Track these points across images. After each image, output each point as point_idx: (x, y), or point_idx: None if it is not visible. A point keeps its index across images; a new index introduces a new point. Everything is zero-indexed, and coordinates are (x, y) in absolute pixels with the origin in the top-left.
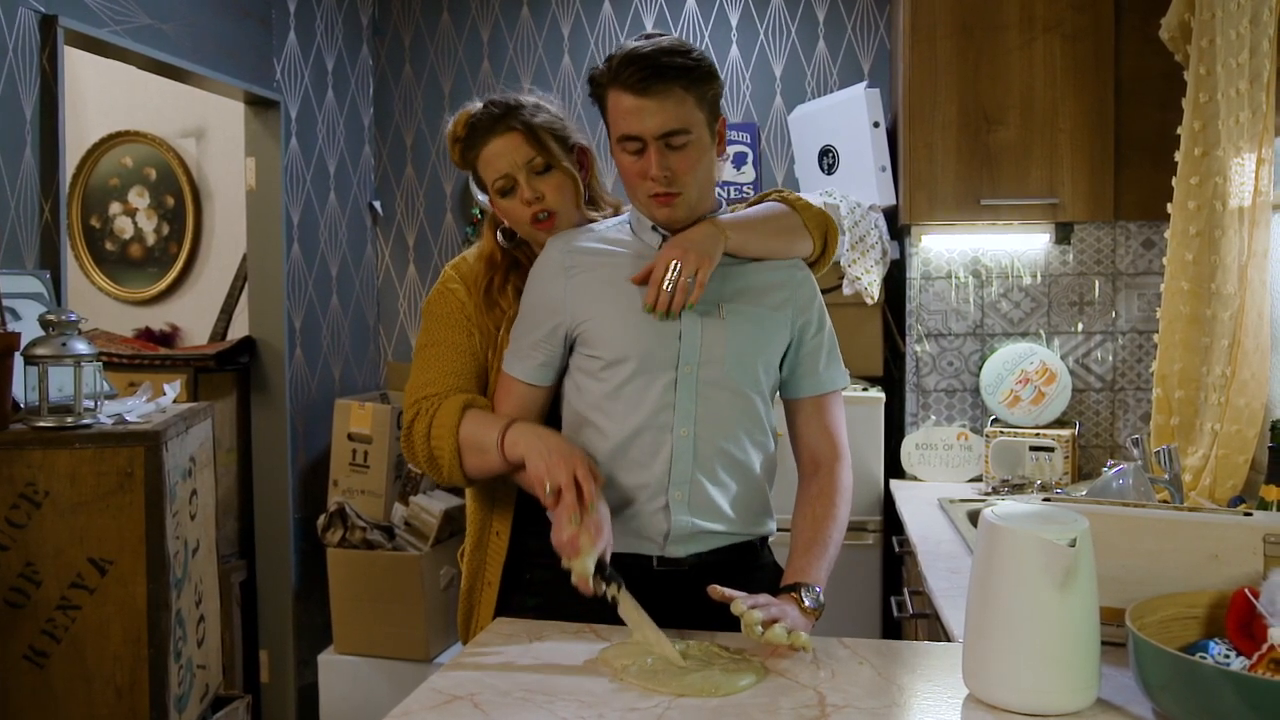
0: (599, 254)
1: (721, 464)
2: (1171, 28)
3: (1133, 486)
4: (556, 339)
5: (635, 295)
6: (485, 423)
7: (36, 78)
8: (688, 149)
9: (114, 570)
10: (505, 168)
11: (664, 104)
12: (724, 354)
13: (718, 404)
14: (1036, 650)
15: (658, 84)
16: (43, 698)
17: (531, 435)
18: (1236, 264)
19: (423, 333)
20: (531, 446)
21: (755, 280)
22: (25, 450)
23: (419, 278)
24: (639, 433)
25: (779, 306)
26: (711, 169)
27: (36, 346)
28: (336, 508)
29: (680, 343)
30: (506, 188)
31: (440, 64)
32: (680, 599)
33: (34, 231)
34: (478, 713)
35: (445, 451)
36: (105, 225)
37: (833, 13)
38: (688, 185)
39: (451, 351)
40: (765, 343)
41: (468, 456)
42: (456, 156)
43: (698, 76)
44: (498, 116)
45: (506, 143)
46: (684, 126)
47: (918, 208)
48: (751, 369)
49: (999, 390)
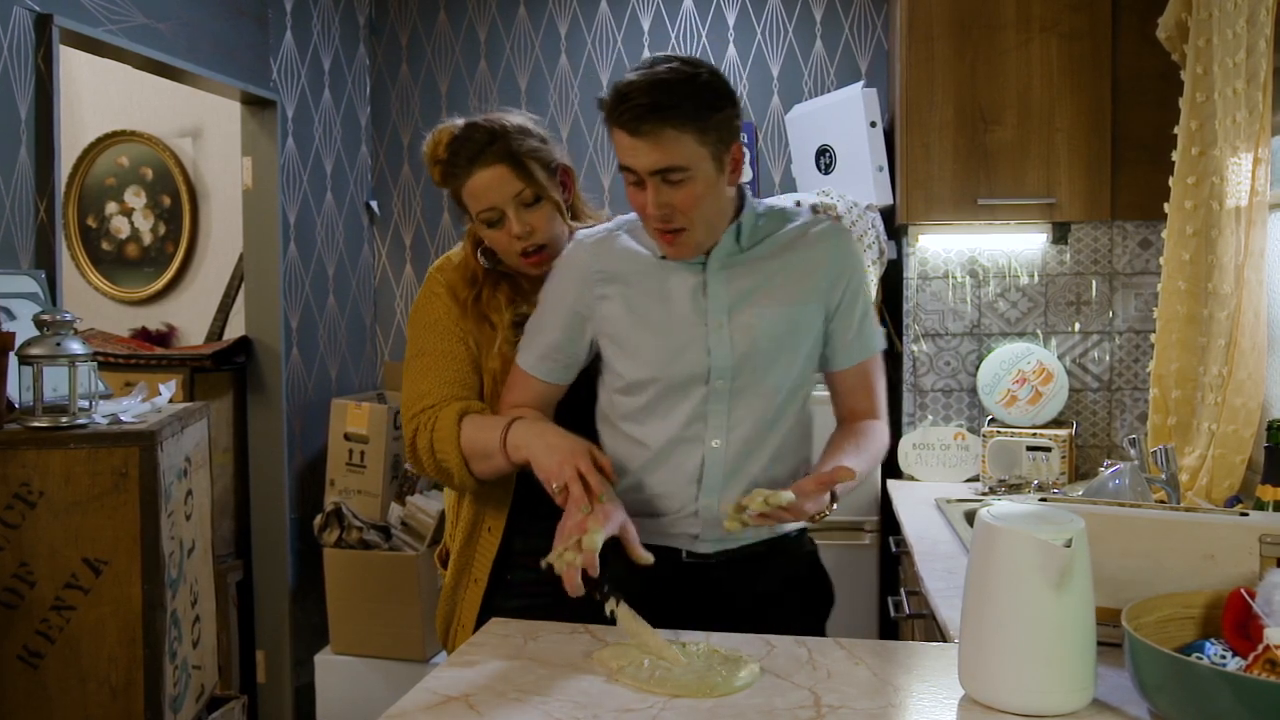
0: (624, 269)
1: (754, 470)
2: (1169, 27)
3: (1129, 486)
4: (579, 344)
5: (660, 316)
6: (485, 427)
7: (32, 77)
8: (685, 185)
9: (109, 570)
10: (493, 200)
11: (657, 143)
12: (756, 363)
13: (751, 410)
14: (1032, 650)
15: (648, 124)
16: (37, 698)
17: (533, 435)
18: (1233, 264)
19: (411, 342)
20: (534, 447)
21: (772, 270)
22: (19, 450)
23: (416, 278)
24: (672, 444)
25: (806, 298)
26: (720, 200)
27: (31, 346)
28: (333, 508)
29: (710, 359)
30: (494, 220)
31: (437, 64)
32: (705, 590)
33: (29, 231)
34: (472, 713)
35: (452, 463)
36: (101, 225)
37: (830, 12)
38: (692, 221)
39: (443, 360)
40: (799, 340)
41: (475, 463)
42: (437, 177)
43: (693, 113)
44: (483, 144)
45: (494, 175)
46: (679, 164)
47: (915, 207)
48: (785, 367)
49: (996, 390)
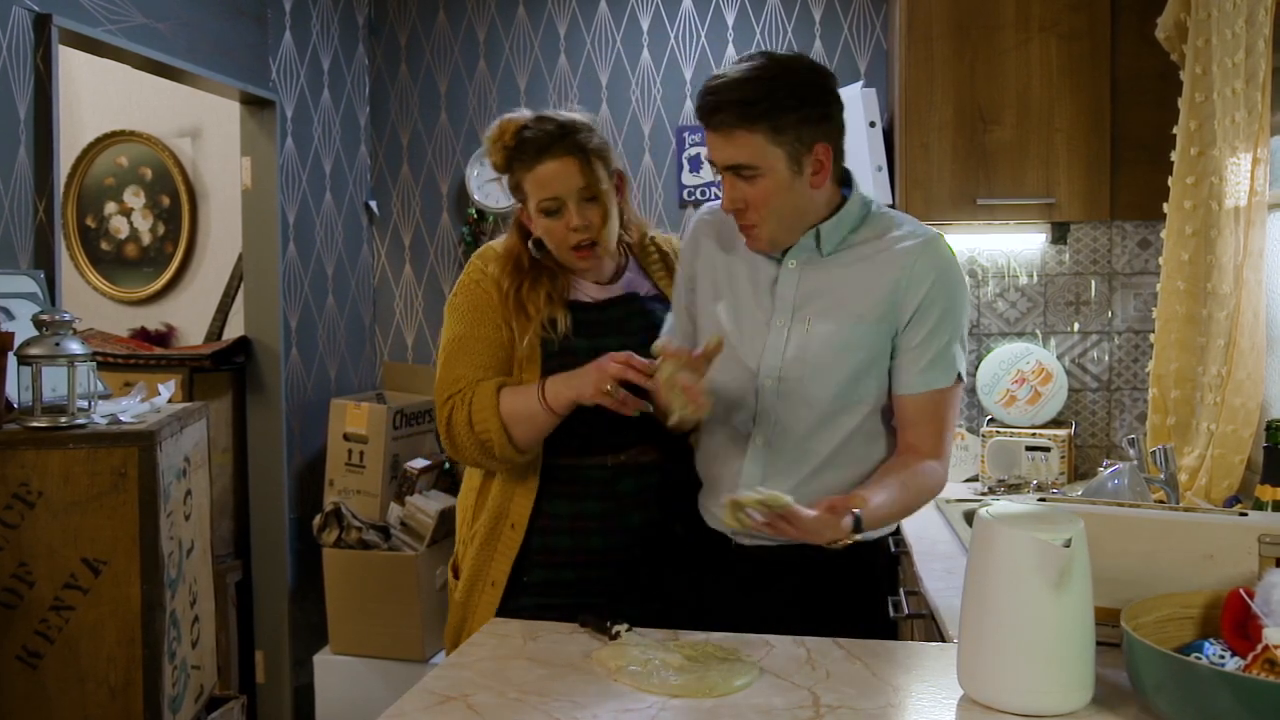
0: (736, 243)
1: (800, 476)
2: (1168, 27)
3: (1128, 486)
4: (685, 313)
5: (733, 299)
6: (521, 391)
7: (31, 77)
8: (757, 181)
9: (108, 571)
10: (557, 191)
11: (730, 140)
12: (804, 371)
13: (798, 415)
14: (1031, 650)
15: (722, 121)
16: (36, 699)
17: (564, 377)
18: (1232, 264)
19: (449, 326)
20: (570, 384)
21: (843, 279)
22: (18, 450)
23: (415, 277)
24: (724, 433)
25: (867, 315)
26: (798, 200)
27: (30, 346)
28: (332, 508)
29: (762, 356)
30: (553, 209)
31: (436, 64)
32: (749, 580)
33: (28, 231)
34: (471, 713)
35: (493, 431)
36: (101, 225)
37: (829, 12)
38: (763, 218)
39: (482, 345)
40: (851, 356)
41: (515, 428)
42: (499, 160)
43: (766, 112)
44: (555, 136)
45: (563, 167)
46: (749, 162)
47: (914, 207)
48: (835, 380)
49: (995, 390)
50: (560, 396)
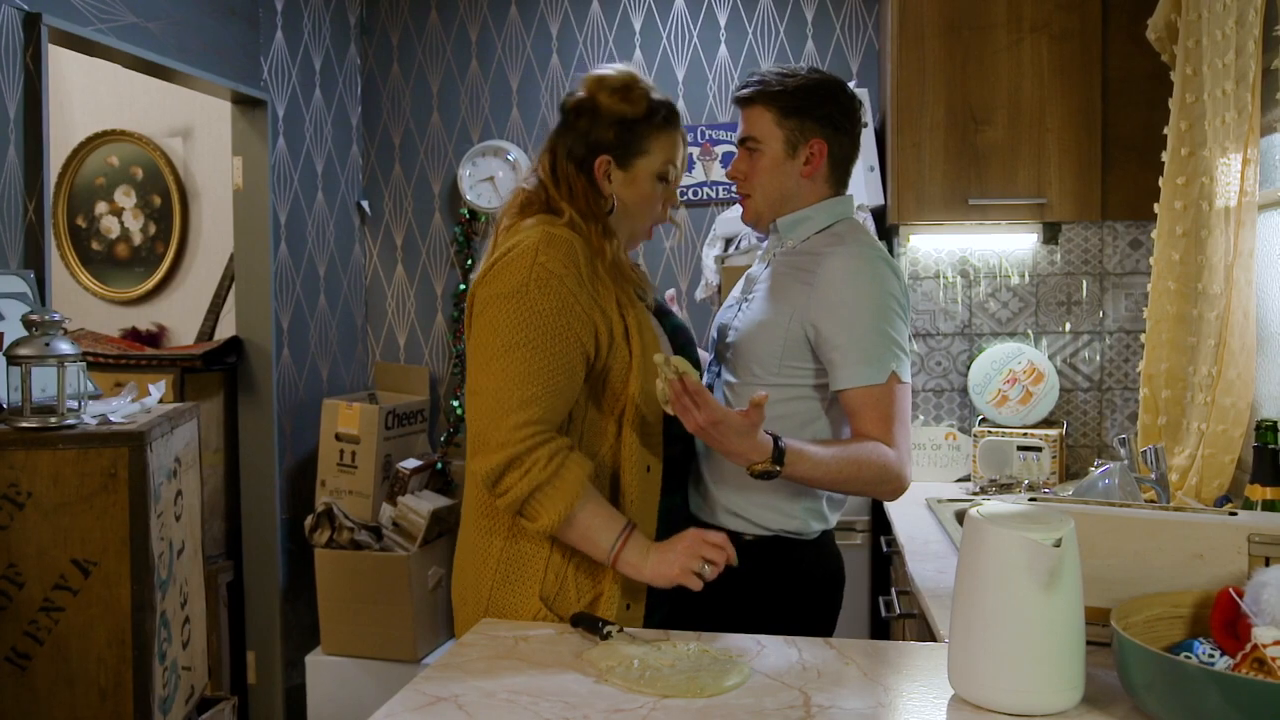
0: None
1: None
2: (1158, 28)
3: (1119, 486)
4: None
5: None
6: (603, 518)
7: (20, 76)
8: (756, 155)
9: (98, 571)
10: (677, 160)
11: (747, 114)
12: (736, 351)
13: (738, 396)
14: (1021, 650)
15: (746, 97)
16: (25, 700)
17: (639, 557)
18: (1223, 264)
19: (499, 332)
20: (641, 571)
21: (780, 273)
22: (7, 451)
23: (407, 277)
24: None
25: (781, 307)
26: (783, 181)
27: (19, 346)
28: (324, 508)
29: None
30: (669, 175)
31: (428, 63)
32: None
33: (18, 231)
34: (462, 714)
35: (546, 516)
36: (91, 225)
37: (821, 13)
38: (752, 189)
39: (552, 362)
40: (769, 343)
41: (568, 533)
42: (640, 110)
43: (783, 99)
44: (675, 111)
45: (682, 142)
46: (754, 135)
47: (906, 208)
48: (760, 363)
49: (987, 390)
50: (630, 568)
